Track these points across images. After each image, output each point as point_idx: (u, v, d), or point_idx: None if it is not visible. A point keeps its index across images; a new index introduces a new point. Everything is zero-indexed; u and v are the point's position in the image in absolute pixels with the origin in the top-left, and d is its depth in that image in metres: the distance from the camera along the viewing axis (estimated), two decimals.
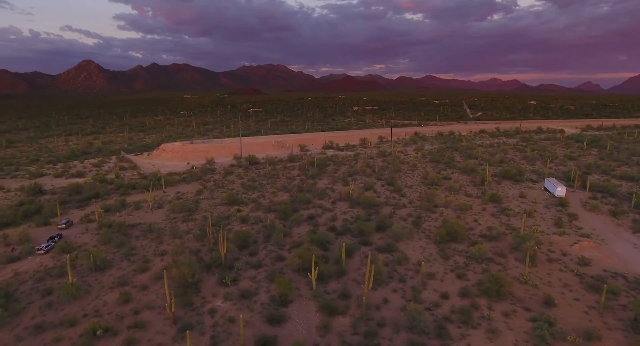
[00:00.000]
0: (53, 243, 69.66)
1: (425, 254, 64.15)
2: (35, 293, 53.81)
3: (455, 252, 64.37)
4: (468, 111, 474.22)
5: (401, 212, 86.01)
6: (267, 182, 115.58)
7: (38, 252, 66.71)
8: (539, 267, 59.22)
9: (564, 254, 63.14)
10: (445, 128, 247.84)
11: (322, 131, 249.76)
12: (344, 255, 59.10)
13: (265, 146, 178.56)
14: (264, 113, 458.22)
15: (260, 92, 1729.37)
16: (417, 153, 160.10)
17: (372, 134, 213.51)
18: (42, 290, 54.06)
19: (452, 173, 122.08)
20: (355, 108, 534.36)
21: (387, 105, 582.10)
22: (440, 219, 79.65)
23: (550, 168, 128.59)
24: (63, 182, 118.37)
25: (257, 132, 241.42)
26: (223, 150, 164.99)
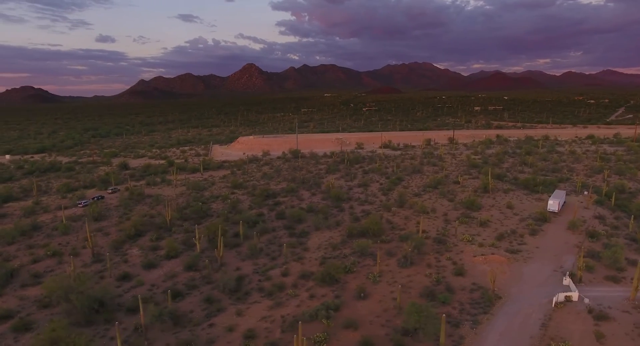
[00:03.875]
0: (91, 201, 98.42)
1: (324, 243, 69.47)
2: (51, 228, 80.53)
3: (349, 245, 67.77)
4: (619, 112, 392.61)
5: (362, 207, 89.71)
6: (286, 173, 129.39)
7: (78, 205, 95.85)
8: (410, 269, 59.07)
9: (454, 263, 60.36)
10: (542, 132, 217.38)
11: (406, 130, 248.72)
12: (241, 231, 69.96)
13: (325, 142, 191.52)
14: (375, 112, 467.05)
15: (397, 91, 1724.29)
16: (465, 157, 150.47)
17: (441, 136, 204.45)
18: (54, 227, 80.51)
19: (466, 178, 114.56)
20: (477, 108, 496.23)
21: (516, 105, 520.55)
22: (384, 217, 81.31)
23: (607, 181, 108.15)
24: (149, 162, 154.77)
25: (335, 130, 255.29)
26: (284, 144, 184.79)
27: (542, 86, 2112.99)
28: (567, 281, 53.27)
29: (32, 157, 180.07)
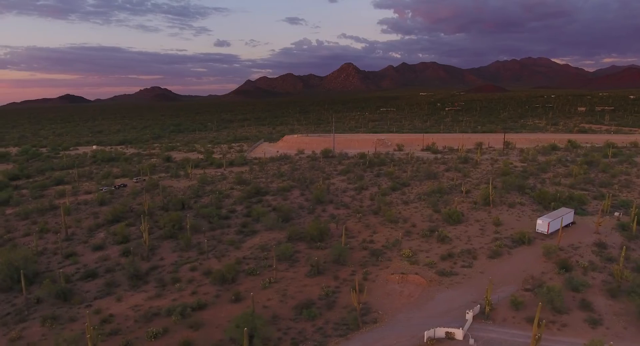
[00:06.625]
0: (112, 188, 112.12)
1: (259, 244, 69.25)
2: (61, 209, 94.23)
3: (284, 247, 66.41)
4: None
5: (336, 211, 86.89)
6: (298, 172, 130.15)
7: (100, 190, 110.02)
8: (315, 279, 56.04)
9: (365, 278, 55.37)
10: (635, 138, 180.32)
11: (471, 132, 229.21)
12: (188, 224, 73.36)
13: (365, 142, 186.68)
14: (455, 112, 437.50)
15: (502, 90, 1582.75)
16: (503, 164, 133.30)
17: (499, 139, 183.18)
18: (63, 207, 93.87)
19: (483, 187, 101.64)
20: (582, 109, 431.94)
21: (637, 105, 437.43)
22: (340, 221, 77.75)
23: None
24: (188, 156, 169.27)
25: (390, 131, 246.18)
26: (323, 143, 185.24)
27: None
28: (469, 315, 45.12)
29: (112, 148, 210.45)
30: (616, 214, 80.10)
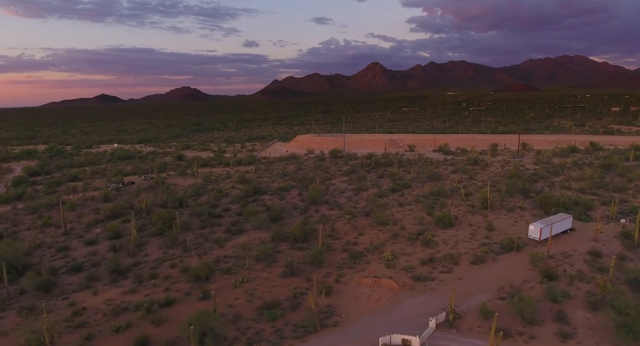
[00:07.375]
0: (120, 185, 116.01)
1: (243, 243, 69.79)
2: (67, 205, 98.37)
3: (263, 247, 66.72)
4: None
5: (327, 211, 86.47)
6: (301, 172, 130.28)
7: (108, 187, 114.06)
8: (287, 280, 56.04)
9: (336, 281, 54.87)
10: None
11: (489, 133, 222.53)
12: (177, 223, 74.85)
13: (377, 142, 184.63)
14: (478, 113, 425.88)
15: (534, 89, 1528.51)
16: (513, 166, 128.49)
17: (516, 140, 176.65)
18: (68, 202, 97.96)
19: (486, 190, 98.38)
20: (615, 109, 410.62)
21: None
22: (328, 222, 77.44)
23: None
24: (199, 154, 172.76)
25: (405, 131, 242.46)
26: (334, 143, 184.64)
27: None
28: (432, 322, 43.78)
29: (131, 146, 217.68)
30: (622, 221, 75.66)
